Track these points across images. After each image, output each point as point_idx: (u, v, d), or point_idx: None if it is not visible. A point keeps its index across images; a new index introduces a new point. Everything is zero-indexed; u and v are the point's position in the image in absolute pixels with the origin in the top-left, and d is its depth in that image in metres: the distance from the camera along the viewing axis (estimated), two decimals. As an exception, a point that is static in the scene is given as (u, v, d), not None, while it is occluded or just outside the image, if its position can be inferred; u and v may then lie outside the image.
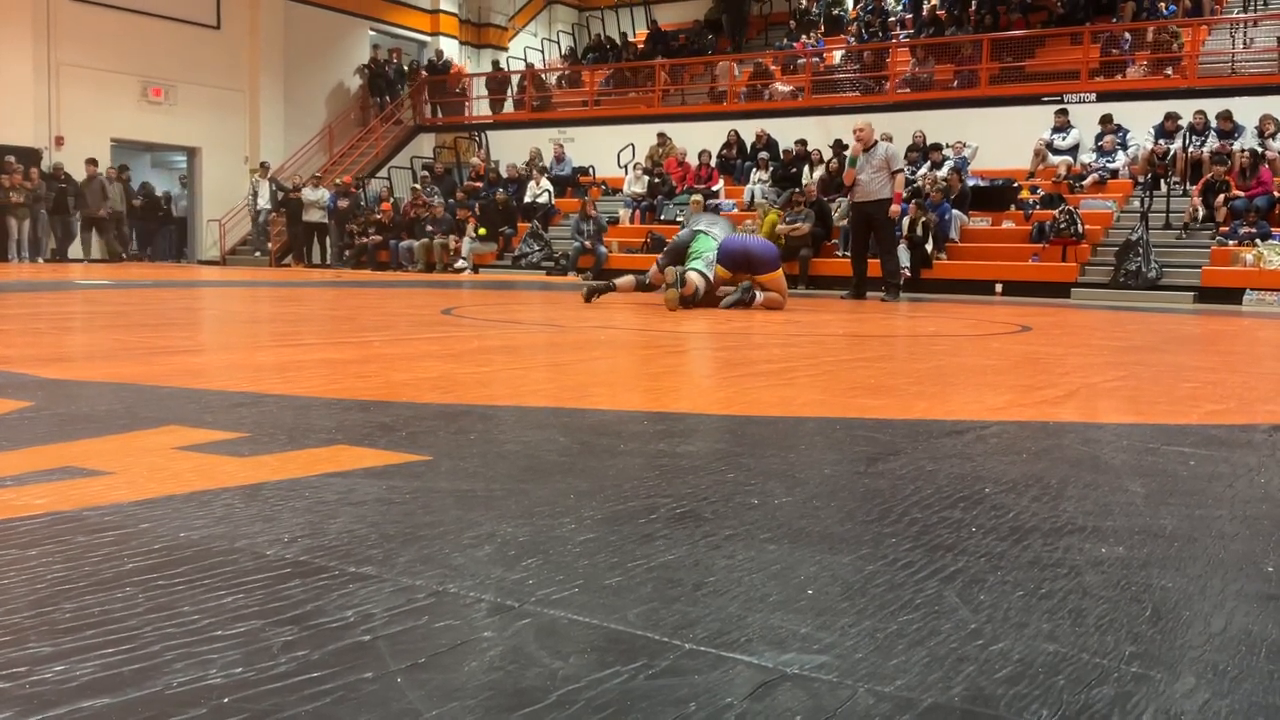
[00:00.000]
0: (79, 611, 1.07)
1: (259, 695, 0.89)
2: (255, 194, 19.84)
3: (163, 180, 24.75)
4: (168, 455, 1.88)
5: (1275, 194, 13.19)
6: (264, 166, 20.07)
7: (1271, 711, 0.91)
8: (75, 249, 18.37)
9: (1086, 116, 15.67)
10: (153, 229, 20.99)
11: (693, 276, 7.53)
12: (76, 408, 2.45)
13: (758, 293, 7.77)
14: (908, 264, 13.65)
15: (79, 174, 18.04)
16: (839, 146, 16.15)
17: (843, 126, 17.01)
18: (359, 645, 1.01)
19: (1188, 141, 14.63)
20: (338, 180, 19.72)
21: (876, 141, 10.51)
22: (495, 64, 24.39)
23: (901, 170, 10.74)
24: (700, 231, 8.07)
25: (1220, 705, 0.92)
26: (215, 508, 1.51)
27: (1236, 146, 14.07)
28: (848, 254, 14.59)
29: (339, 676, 0.93)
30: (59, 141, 18.20)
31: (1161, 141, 14.90)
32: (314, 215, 19.13)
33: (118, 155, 19.52)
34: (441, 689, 0.91)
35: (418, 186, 19.28)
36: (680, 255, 7.98)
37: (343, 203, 18.94)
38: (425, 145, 22.43)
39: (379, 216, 18.56)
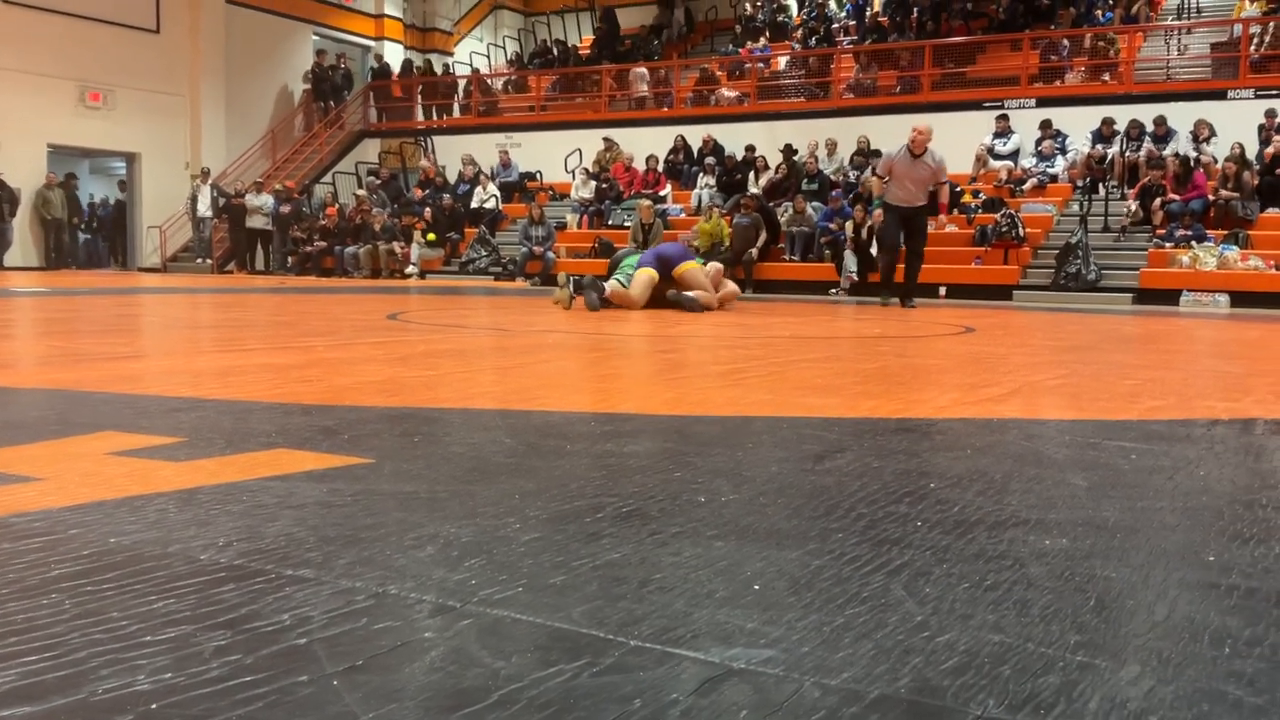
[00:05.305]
0: (2, 619, 1.03)
1: (189, 701, 0.86)
2: (195, 200, 19.50)
3: (101, 186, 24.29)
4: (100, 460, 1.83)
5: (1209, 197, 13.48)
6: (205, 172, 19.74)
7: (1214, 696, 0.91)
8: (12, 256, 17.96)
9: (1026, 122, 15.92)
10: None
11: (593, 297, 7.97)
12: (7, 414, 2.38)
13: (685, 294, 7.77)
14: (854, 268, 13.76)
15: (14, 180, 17.65)
16: (789, 152, 16.26)
17: (788, 131, 17.15)
18: (295, 649, 0.98)
19: (1124, 146, 14.91)
20: (279, 186, 19.44)
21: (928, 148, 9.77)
22: (446, 67, 24.15)
23: (946, 182, 10.43)
24: (632, 252, 8.85)
25: (1165, 691, 0.92)
26: (148, 513, 1.47)
27: (1169, 151, 14.37)
28: (799, 260, 14.75)
29: (273, 680, 0.90)
30: (-7, 147, 17.79)
31: (1099, 146, 15.17)
32: (257, 221, 18.88)
33: (54, 162, 19.09)
34: (380, 691, 0.89)
35: (362, 193, 19.05)
36: (614, 266, 8.48)
37: (285, 209, 18.68)
38: (370, 150, 22.20)
39: (324, 223, 18.34)
